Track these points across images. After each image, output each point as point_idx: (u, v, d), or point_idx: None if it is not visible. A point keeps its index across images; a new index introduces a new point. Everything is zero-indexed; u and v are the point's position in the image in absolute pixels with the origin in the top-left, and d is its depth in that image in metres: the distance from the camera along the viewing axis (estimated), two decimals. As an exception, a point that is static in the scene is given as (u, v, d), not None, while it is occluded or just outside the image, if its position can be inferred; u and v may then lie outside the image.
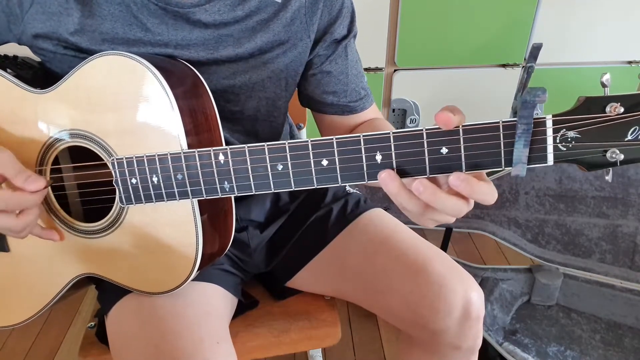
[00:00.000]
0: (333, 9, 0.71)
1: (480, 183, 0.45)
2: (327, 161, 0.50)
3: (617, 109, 0.43)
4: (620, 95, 0.43)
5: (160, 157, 0.56)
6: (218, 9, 0.64)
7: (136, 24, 0.62)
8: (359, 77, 0.77)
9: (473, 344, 0.71)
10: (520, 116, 0.43)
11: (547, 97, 0.42)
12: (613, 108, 0.43)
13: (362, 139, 0.48)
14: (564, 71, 1.60)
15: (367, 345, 1.38)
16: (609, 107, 0.43)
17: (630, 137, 0.43)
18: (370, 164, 0.49)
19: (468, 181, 0.45)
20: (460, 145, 0.46)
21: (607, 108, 0.43)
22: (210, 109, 0.62)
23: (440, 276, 0.68)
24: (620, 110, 0.43)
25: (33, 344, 1.39)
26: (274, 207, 0.85)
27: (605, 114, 0.43)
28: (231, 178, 0.54)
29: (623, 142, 0.43)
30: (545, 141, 0.45)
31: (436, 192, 0.46)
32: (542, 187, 1.36)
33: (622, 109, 0.42)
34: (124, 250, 0.63)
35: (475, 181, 0.45)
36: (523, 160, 0.45)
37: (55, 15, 0.61)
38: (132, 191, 0.58)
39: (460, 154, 0.47)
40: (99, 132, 0.60)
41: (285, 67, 0.71)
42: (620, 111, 0.43)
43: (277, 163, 0.52)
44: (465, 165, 0.47)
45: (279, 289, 0.86)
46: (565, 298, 1.37)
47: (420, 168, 0.48)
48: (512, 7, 1.48)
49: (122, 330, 0.66)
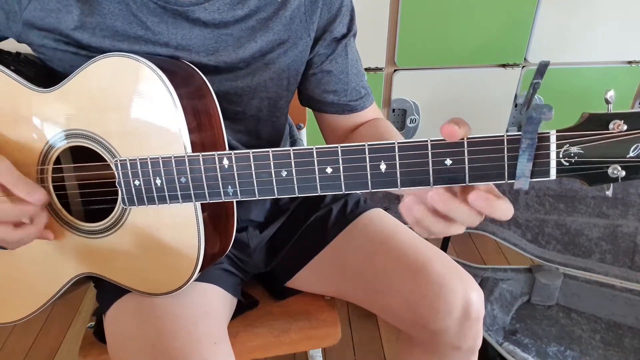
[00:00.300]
0: (332, 7, 0.71)
1: (499, 201, 0.46)
2: (332, 169, 0.50)
3: (621, 126, 0.43)
4: (623, 113, 0.43)
5: (164, 160, 0.56)
6: (217, 7, 0.64)
7: (136, 22, 0.62)
8: (359, 76, 0.77)
9: (473, 344, 0.71)
10: (525, 131, 0.44)
11: (553, 115, 0.43)
12: (616, 125, 0.43)
13: (366, 148, 0.49)
14: (563, 71, 1.60)
15: (367, 345, 1.38)
16: (612, 124, 0.43)
17: (632, 154, 0.44)
18: (375, 172, 0.49)
19: (488, 200, 0.45)
20: (464, 157, 0.47)
21: (610, 125, 0.43)
22: (214, 109, 0.62)
23: (440, 276, 0.68)
24: (623, 127, 0.43)
25: (33, 344, 1.39)
26: (273, 207, 0.85)
27: (609, 131, 0.43)
28: (235, 183, 0.54)
29: (625, 158, 0.44)
30: (548, 156, 0.45)
31: (452, 201, 0.46)
32: (542, 187, 1.36)
33: (625, 126, 0.43)
34: (126, 251, 0.63)
35: (495, 199, 0.45)
36: (526, 174, 0.45)
37: (54, 12, 0.61)
38: (134, 193, 0.58)
39: (464, 166, 0.47)
40: (102, 132, 0.60)
41: (286, 67, 0.71)
42: (624, 129, 0.43)
43: (282, 169, 0.52)
44: (468, 177, 0.47)
45: (279, 289, 0.86)
46: (565, 298, 1.37)
47: (423, 179, 0.48)
48: (512, 7, 1.48)
49: (119, 329, 0.67)
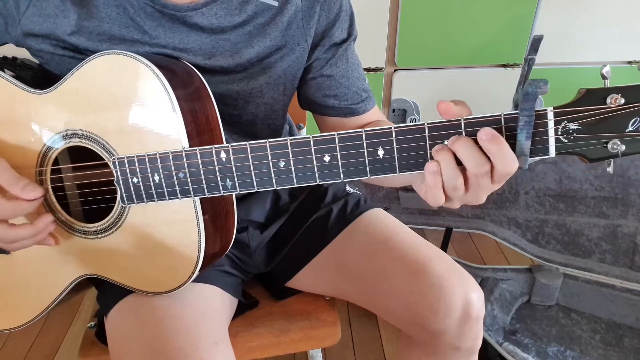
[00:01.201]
0: (331, 13, 0.70)
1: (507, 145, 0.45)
2: (329, 157, 0.50)
3: (618, 100, 0.43)
4: (620, 87, 0.43)
5: (161, 156, 0.56)
6: (215, 12, 0.64)
7: (133, 26, 0.62)
8: (360, 79, 0.77)
9: (473, 345, 0.71)
10: (522, 108, 0.43)
11: (549, 89, 0.42)
12: (614, 99, 0.43)
13: (364, 134, 0.49)
14: (564, 71, 1.60)
15: (367, 345, 1.38)
16: (609, 99, 0.43)
17: (631, 127, 0.43)
18: (373, 159, 0.49)
19: (497, 137, 0.44)
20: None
21: (607, 99, 0.43)
22: (211, 108, 0.62)
23: (440, 277, 0.67)
24: (621, 101, 0.43)
25: (33, 344, 1.39)
26: (274, 208, 0.85)
27: (606, 106, 0.43)
28: (233, 175, 0.54)
29: (624, 133, 0.44)
30: (547, 133, 0.45)
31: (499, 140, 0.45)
32: (542, 187, 1.36)
33: (622, 100, 0.43)
34: (126, 250, 0.63)
35: (504, 141, 0.45)
36: (525, 153, 0.45)
37: (51, 17, 0.61)
38: (133, 190, 0.58)
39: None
40: (99, 131, 0.59)
41: (283, 73, 0.70)
42: (621, 102, 0.43)
43: (279, 160, 0.52)
44: None
45: (279, 289, 0.86)
46: (565, 298, 1.37)
47: (422, 162, 0.48)
48: (512, 7, 1.48)
49: (120, 331, 0.67)
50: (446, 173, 0.47)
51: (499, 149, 0.45)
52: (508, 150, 0.45)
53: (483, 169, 0.46)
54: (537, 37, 0.44)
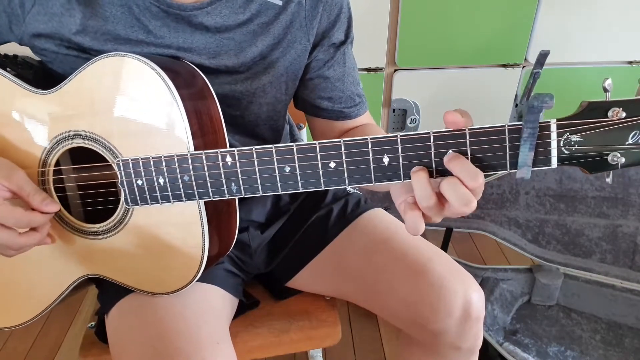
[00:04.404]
0: (332, 14, 0.71)
1: (470, 164, 0.46)
2: (335, 163, 0.50)
3: (619, 113, 0.44)
4: (621, 100, 0.44)
5: (166, 159, 0.56)
6: (220, 12, 0.64)
7: (138, 25, 0.62)
8: (355, 84, 0.77)
9: (473, 345, 0.71)
10: (527, 120, 0.44)
11: (554, 103, 0.43)
12: (615, 113, 0.44)
13: (369, 142, 0.49)
14: (564, 71, 1.60)
15: (367, 345, 1.38)
16: (611, 112, 0.44)
17: (631, 140, 0.44)
18: (378, 166, 0.50)
19: (458, 157, 0.46)
20: (466, 148, 0.47)
21: (609, 113, 0.44)
22: (215, 110, 0.62)
23: (441, 277, 0.68)
24: (622, 115, 0.44)
25: (33, 344, 1.39)
26: (274, 208, 0.85)
27: (608, 119, 0.44)
28: (238, 180, 0.54)
29: (624, 145, 0.44)
30: (549, 144, 0.46)
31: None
32: (543, 187, 1.36)
33: (623, 113, 0.43)
34: (129, 251, 0.63)
35: (465, 160, 0.46)
36: (528, 163, 0.46)
37: (56, 16, 0.61)
38: (137, 192, 0.58)
39: (467, 157, 0.47)
40: (103, 133, 0.59)
41: (285, 71, 0.71)
42: (622, 116, 0.44)
43: (285, 165, 0.52)
44: None
45: (280, 289, 0.86)
46: (566, 298, 1.37)
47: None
48: (512, 7, 1.48)
49: (121, 330, 0.67)
50: (419, 192, 0.48)
51: (462, 165, 0.46)
52: (470, 165, 0.46)
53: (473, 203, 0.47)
54: (543, 52, 0.45)
